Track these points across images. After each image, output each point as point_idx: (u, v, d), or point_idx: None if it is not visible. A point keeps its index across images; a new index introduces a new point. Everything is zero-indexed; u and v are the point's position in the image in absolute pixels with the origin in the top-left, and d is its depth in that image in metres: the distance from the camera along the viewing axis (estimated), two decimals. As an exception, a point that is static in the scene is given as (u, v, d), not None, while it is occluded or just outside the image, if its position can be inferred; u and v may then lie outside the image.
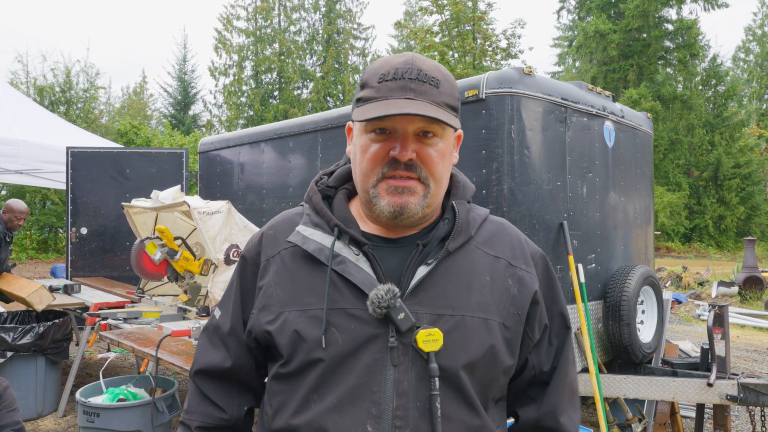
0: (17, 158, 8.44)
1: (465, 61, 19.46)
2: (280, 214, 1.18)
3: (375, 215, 1.04)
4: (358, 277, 1.00)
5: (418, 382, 0.96)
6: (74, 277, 6.81)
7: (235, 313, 1.13)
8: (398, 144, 0.99)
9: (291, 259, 1.06)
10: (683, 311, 10.50)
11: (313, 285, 1.02)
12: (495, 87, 3.65)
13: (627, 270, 4.09)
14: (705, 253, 25.67)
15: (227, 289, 1.18)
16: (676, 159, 27.25)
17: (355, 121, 1.02)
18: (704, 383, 3.50)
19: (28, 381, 4.56)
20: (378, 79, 1.00)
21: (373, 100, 0.99)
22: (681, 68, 28.16)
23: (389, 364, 0.96)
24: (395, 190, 1.00)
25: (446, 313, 1.00)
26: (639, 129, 4.69)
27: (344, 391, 0.96)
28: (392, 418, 0.95)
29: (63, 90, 21.70)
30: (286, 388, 1.02)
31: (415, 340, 0.96)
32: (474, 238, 1.08)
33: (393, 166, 0.99)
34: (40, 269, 15.59)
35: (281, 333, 1.01)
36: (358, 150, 1.04)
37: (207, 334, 1.19)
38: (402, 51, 29.95)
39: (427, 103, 0.97)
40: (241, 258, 1.16)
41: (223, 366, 1.13)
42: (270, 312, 1.04)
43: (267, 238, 1.12)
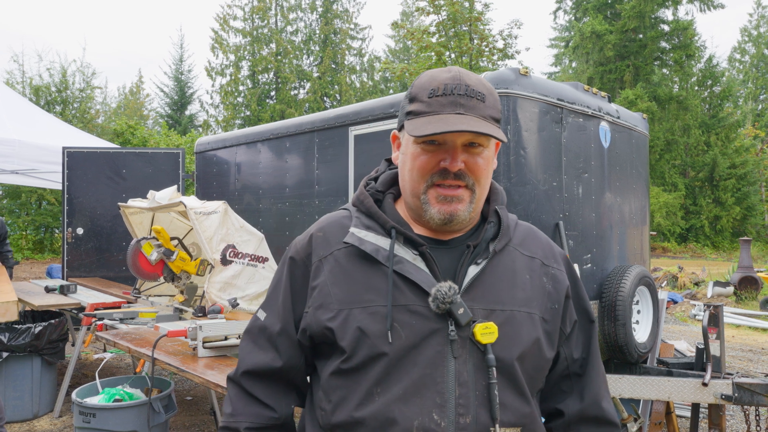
0: (13, 158, 8.41)
1: (462, 61, 19.47)
2: (325, 217, 1.22)
3: (424, 220, 1.12)
4: (417, 276, 1.07)
5: (476, 372, 1.04)
6: (70, 277, 6.80)
7: (285, 313, 1.16)
8: (449, 156, 1.06)
9: (346, 259, 1.11)
10: (679, 311, 10.53)
11: (371, 283, 1.08)
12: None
13: (622, 270, 4.11)
14: (701, 253, 25.75)
15: (272, 291, 1.21)
16: (672, 159, 27.33)
17: (409, 134, 1.06)
18: (699, 383, 3.52)
19: (23, 381, 4.55)
20: (428, 94, 1.07)
21: (424, 114, 1.06)
22: (677, 69, 28.24)
23: (450, 356, 1.04)
24: (444, 199, 1.08)
25: (497, 308, 1.08)
26: (634, 129, 4.71)
27: (409, 382, 1.02)
28: (455, 406, 1.02)
29: (59, 90, 21.64)
30: (348, 383, 1.06)
31: (473, 333, 1.04)
32: (512, 240, 1.18)
33: (443, 175, 1.07)
34: (36, 269, 15.54)
35: (344, 329, 1.05)
36: (408, 158, 1.11)
37: (251, 336, 1.21)
38: (398, 52, 29.84)
39: (475, 117, 1.06)
40: (290, 260, 1.18)
41: (273, 366, 1.16)
42: (329, 310, 1.08)
43: (317, 240, 1.16)
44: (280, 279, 1.19)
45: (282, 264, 1.21)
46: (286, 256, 1.20)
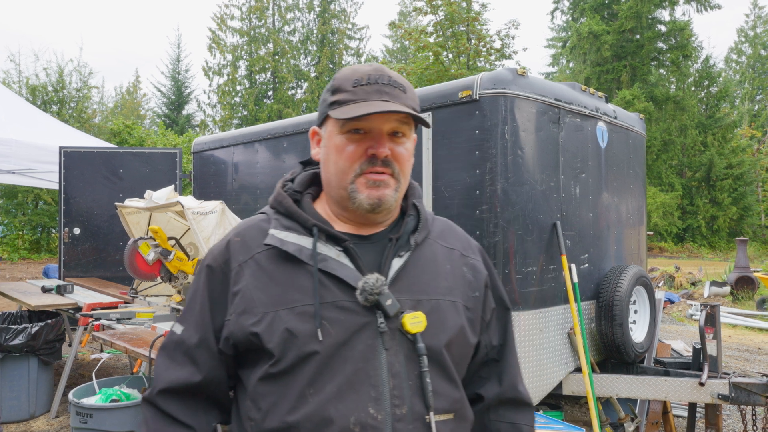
0: (9, 158, 8.38)
1: (459, 61, 19.49)
2: (242, 222, 1.20)
3: (352, 209, 1.12)
4: (342, 272, 1.07)
5: (407, 362, 1.05)
6: (67, 277, 6.78)
7: (204, 324, 1.11)
8: (375, 142, 1.08)
9: (267, 261, 1.09)
10: (676, 311, 10.55)
11: (296, 283, 1.07)
12: (489, 88, 3.66)
13: (619, 270, 4.12)
14: (698, 253, 25.82)
15: (189, 303, 1.15)
16: (669, 159, 27.40)
17: (338, 118, 1.07)
18: (696, 383, 3.53)
19: (20, 382, 4.54)
20: (352, 84, 1.09)
21: (351, 102, 1.08)
22: (674, 69, 28.31)
23: (381, 348, 1.04)
24: (373, 183, 1.09)
25: (423, 298, 1.11)
26: (631, 130, 4.72)
27: (343, 379, 1.02)
28: (390, 398, 1.02)
29: (56, 89, 21.59)
30: (278, 387, 1.03)
31: (401, 324, 1.05)
32: (431, 233, 1.21)
33: (371, 162, 1.08)
34: (33, 269, 15.51)
35: (270, 332, 1.03)
36: (332, 150, 1.12)
37: (166, 352, 1.14)
38: (395, 52, 29.82)
39: (401, 104, 1.08)
40: (207, 268, 1.14)
41: (192, 381, 1.10)
42: (253, 314, 1.05)
43: (234, 245, 1.13)
44: (197, 289, 1.14)
45: (198, 274, 1.16)
46: (203, 265, 1.16)
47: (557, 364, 3.79)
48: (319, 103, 1.18)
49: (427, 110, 3.96)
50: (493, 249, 3.58)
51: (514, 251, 3.60)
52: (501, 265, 3.57)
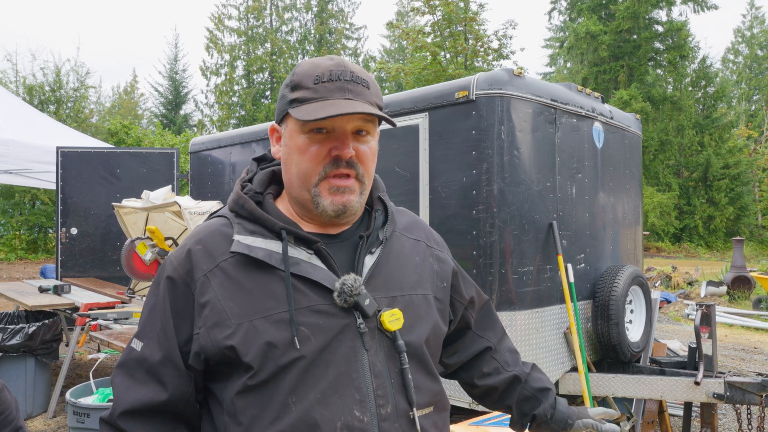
0: (6, 158, 8.37)
1: (457, 61, 19.51)
2: (201, 228, 1.12)
3: (316, 214, 1.08)
4: (317, 275, 1.03)
5: (388, 361, 1.04)
6: (64, 277, 6.78)
7: (167, 340, 1.03)
8: (339, 143, 1.04)
9: (234, 269, 1.03)
10: (672, 311, 10.58)
11: (268, 290, 1.02)
12: (485, 88, 3.67)
13: (616, 270, 4.13)
14: (694, 253, 25.88)
15: (148, 317, 1.08)
16: (666, 159, 27.45)
17: (299, 119, 1.02)
18: (692, 382, 3.54)
19: (17, 382, 4.54)
20: (314, 81, 1.04)
21: (313, 101, 1.03)
22: (671, 69, 28.37)
23: (362, 349, 1.02)
24: (337, 190, 1.05)
25: (398, 294, 1.10)
26: (628, 130, 4.73)
27: (326, 384, 0.99)
28: (375, 398, 1.01)
29: (53, 89, 21.56)
30: (258, 399, 0.99)
31: (380, 322, 1.04)
32: (397, 226, 1.20)
33: (335, 164, 1.04)
34: (30, 269, 15.48)
35: (247, 344, 0.98)
36: (294, 151, 1.06)
37: (126, 371, 1.06)
38: (393, 52, 29.78)
39: (365, 102, 1.04)
40: (167, 280, 1.05)
41: (157, 400, 1.03)
42: (226, 326, 0.99)
43: (196, 254, 1.05)
44: (156, 303, 1.06)
45: (156, 286, 1.08)
46: (161, 276, 1.07)
47: (554, 363, 3.81)
48: (277, 99, 1.12)
49: (423, 111, 3.97)
50: (490, 249, 3.59)
51: (511, 251, 3.61)
52: (497, 265, 3.58)
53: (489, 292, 3.58)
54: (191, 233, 1.12)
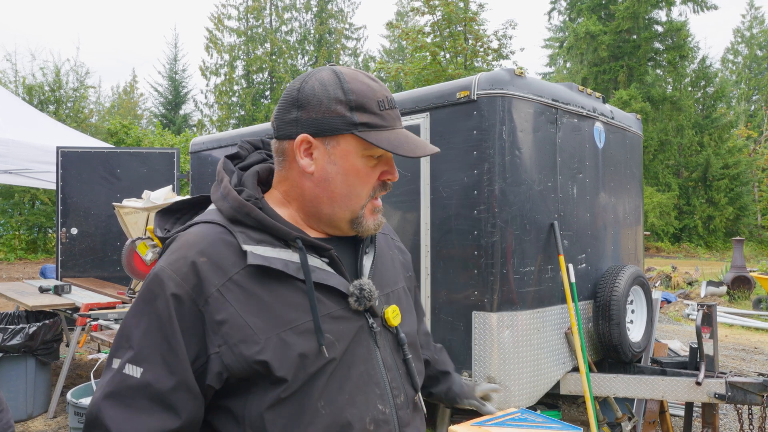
0: (6, 158, 8.36)
1: (456, 61, 19.51)
2: (197, 238, 1.02)
3: (348, 231, 1.11)
4: (332, 281, 1.05)
5: (393, 353, 1.11)
6: (64, 277, 6.77)
7: (180, 363, 0.95)
8: (391, 168, 1.09)
9: (249, 282, 0.99)
10: (672, 311, 10.59)
11: (288, 301, 1.01)
12: (486, 88, 3.67)
13: (617, 270, 4.13)
14: (694, 253, 25.88)
15: (144, 339, 0.96)
16: (665, 160, 27.46)
17: (392, 152, 1.04)
18: (693, 382, 3.54)
19: (18, 382, 4.53)
20: (378, 106, 1.04)
21: (383, 129, 1.05)
22: (670, 69, 28.38)
23: (375, 347, 1.08)
24: (377, 210, 1.11)
25: (389, 290, 1.16)
26: (628, 130, 4.73)
27: (352, 385, 1.03)
28: (391, 390, 1.07)
29: (52, 89, 21.54)
30: (288, 410, 0.98)
31: (385, 320, 1.11)
32: None
33: (384, 187, 1.10)
34: (30, 270, 15.47)
35: (279, 358, 0.96)
36: (350, 172, 1.05)
37: (120, 401, 0.94)
38: (393, 52, 29.72)
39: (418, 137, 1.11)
40: (172, 297, 0.96)
41: (169, 428, 0.95)
42: (254, 343, 0.96)
43: (203, 267, 0.98)
44: (158, 322, 0.96)
45: (150, 303, 0.97)
46: (158, 292, 0.97)
47: (555, 363, 3.81)
48: (315, 110, 1.04)
49: (424, 110, 3.97)
50: (491, 249, 3.59)
51: (512, 251, 3.61)
52: (499, 265, 3.58)
53: (490, 292, 3.58)
54: (183, 243, 1.02)
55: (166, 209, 1.19)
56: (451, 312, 3.77)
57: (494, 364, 3.55)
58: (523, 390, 3.61)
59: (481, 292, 3.62)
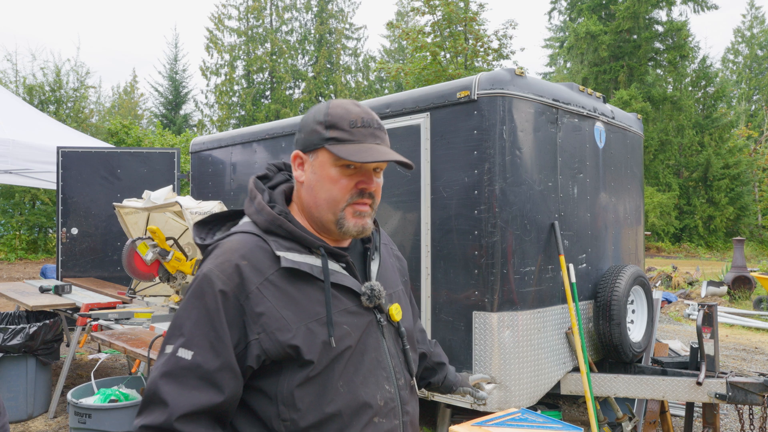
0: (6, 158, 8.36)
1: (457, 61, 19.50)
2: (237, 245, 1.23)
3: (335, 232, 1.29)
4: (348, 282, 1.27)
5: (394, 343, 1.34)
6: (65, 277, 6.77)
7: (225, 348, 1.15)
8: (366, 178, 1.27)
9: (282, 281, 1.21)
10: (673, 311, 10.58)
11: (312, 298, 1.22)
12: (487, 88, 3.67)
13: (617, 270, 4.13)
14: (695, 253, 25.88)
15: (195, 328, 1.15)
16: (666, 159, 27.45)
17: (346, 159, 1.21)
18: (694, 382, 3.54)
19: (18, 382, 4.53)
20: (349, 125, 1.25)
21: (350, 142, 1.24)
22: (671, 69, 28.37)
23: (382, 337, 1.30)
24: (359, 214, 1.28)
25: (391, 291, 1.38)
26: (629, 130, 4.73)
27: (365, 369, 1.25)
28: (394, 374, 1.30)
29: (53, 89, 21.54)
30: (314, 388, 1.18)
31: (390, 315, 1.33)
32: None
33: (360, 195, 1.27)
34: (30, 270, 15.47)
35: (309, 342, 1.18)
36: (325, 180, 1.26)
37: (174, 379, 1.13)
38: (393, 52, 29.70)
39: (388, 148, 1.28)
40: (220, 293, 1.16)
41: (214, 403, 1.14)
42: (288, 330, 1.17)
43: (245, 269, 1.19)
44: (207, 313, 1.16)
45: (200, 298, 1.17)
46: (210, 288, 1.17)
47: (555, 363, 3.80)
48: (304, 131, 1.29)
49: (425, 110, 3.97)
50: (491, 249, 3.59)
51: (513, 251, 3.61)
52: (499, 265, 3.58)
53: (491, 292, 3.58)
54: (227, 248, 1.23)
55: (201, 221, 1.41)
56: (452, 312, 3.77)
57: (495, 364, 3.55)
58: (524, 390, 3.61)
59: (481, 292, 3.61)
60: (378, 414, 1.25)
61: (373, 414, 1.24)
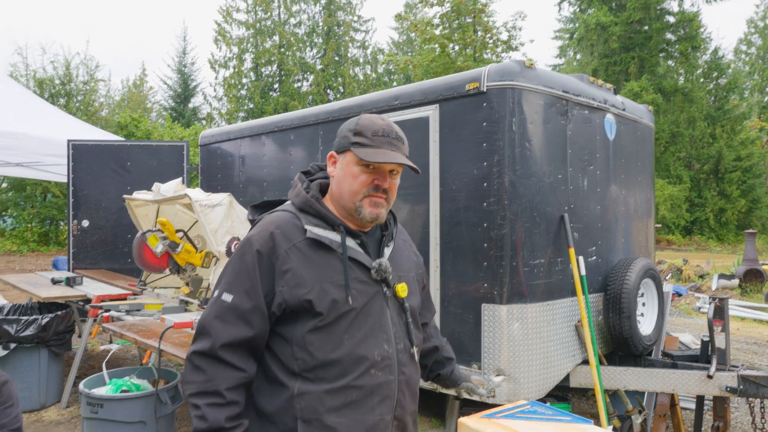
0: (18, 150, 8.42)
1: (466, 53, 19.39)
2: (274, 218, 1.57)
3: (356, 218, 1.58)
4: (361, 257, 1.57)
5: (398, 316, 1.61)
6: (76, 269, 6.83)
7: (256, 294, 1.49)
8: (381, 177, 1.57)
9: (306, 249, 1.53)
10: (684, 304, 10.52)
11: (330, 264, 1.53)
12: (496, 80, 3.65)
13: (628, 263, 4.10)
14: (706, 245, 25.68)
15: (235, 278, 1.51)
16: (677, 152, 27.20)
17: (362, 158, 1.53)
18: (704, 375, 3.52)
19: (31, 372, 4.59)
20: (372, 133, 1.56)
21: (371, 147, 1.55)
22: (682, 61, 28.05)
23: (386, 307, 1.58)
24: (375, 204, 1.58)
25: (402, 274, 1.66)
26: (640, 122, 4.69)
27: (367, 328, 1.53)
28: (394, 338, 1.58)
29: (63, 82, 21.65)
30: (322, 336, 1.48)
31: (396, 291, 1.60)
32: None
33: (375, 189, 1.57)
34: (42, 261, 15.61)
35: (320, 298, 1.48)
36: (349, 175, 1.57)
37: (218, 316, 1.49)
38: (401, 44, 29.53)
39: (402, 155, 1.58)
40: (257, 252, 1.50)
41: (247, 336, 1.48)
42: (304, 287, 1.48)
43: (278, 236, 1.52)
44: (245, 268, 1.50)
45: (241, 256, 1.52)
46: (250, 249, 1.51)
47: (564, 356, 3.80)
48: (339, 136, 1.62)
49: (433, 102, 3.95)
50: (501, 241, 3.58)
51: (522, 243, 3.60)
52: (508, 257, 3.57)
53: (500, 284, 3.57)
54: (267, 221, 1.57)
55: (255, 205, 1.73)
56: (461, 304, 3.77)
57: (503, 357, 3.55)
58: (533, 382, 3.61)
59: (490, 285, 3.61)
60: (374, 367, 1.51)
61: (370, 366, 1.51)
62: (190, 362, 1.48)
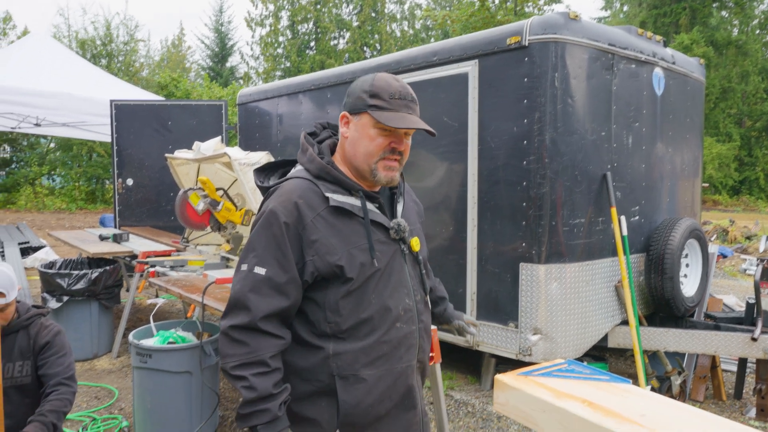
0: (63, 111, 8.64)
1: (506, 7, 18.75)
2: (294, 187, 1.57)
3: (369, 180, 1.60)
4: (380, 219, 1.61)
5: (413, 269, 1.69)
6: (122, 226, 7.06)
7: (289, 265, 1.52)
8: (397, 140, 1.58)
9: (330, 216, 1.55)
10: (728, 266, 10.24)
11: (354, 230, 1.57)
12: (539, 33, 3.52)
13: (672, 223, 4.00)
14: (754, 206, 24.74)
15: (265, 251, 1.52)
16: (727, 108, 26.02)
17: (383, 122, 1.52)
18: (748, 337, 3.45)
19: (83, 324, 4.81)
20: (389, 96, 1.55)
21: (388, 110, 1.55)
22: (737, 11, 26.51)
23: (404, 263, 1.65)
24: (390, 168, 1.60)
25: (412, 227, 1.71)
26: (690, 76, 4.48)
27: (392, 286, 1.60)
28: (413, 291, 1.66)
29: (104, 43, 21.96)
30: (353, 299, 1.54)
31: (410, 246, 1.68)
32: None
33: (392, 152, 1.59)
34: (90, 219, 16.20)
35: (350, 263, 1.52)
36: (365, 137, 1.57)
37: (254, 289, 1.51)
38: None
39: (417, 117, 1.59)
40: (284, 224, 1.51)
41: (283, 307, 1.52)
42: (335, 254, 1.52)
43: (302, 206, 1.53)
44: (275, 239, 1.52)
45: (268, 228, 1.53)
46: (276, 221, 1.51)
47: (603, 316, 3.76)
48: (352, 97, 1.59)
49: (473, 58, 3.85)
50: (540, 200, 3.52)
51: (562, 203, 3.54)
52: (548, 216, 3.52)
53: (538, 243, 3.53)
54: (287, 190, 1.57)
55: (259, 168, 1.76)
56: (498, 263, 3.75)
57: (541, 316, 3.54)
58: (570, 342, 3.60)
59: (529, 244, 3.57)
60: (399, 320, 1.61)
61: (395, 320, 1.60)
62: (228, 336, 1.51)
